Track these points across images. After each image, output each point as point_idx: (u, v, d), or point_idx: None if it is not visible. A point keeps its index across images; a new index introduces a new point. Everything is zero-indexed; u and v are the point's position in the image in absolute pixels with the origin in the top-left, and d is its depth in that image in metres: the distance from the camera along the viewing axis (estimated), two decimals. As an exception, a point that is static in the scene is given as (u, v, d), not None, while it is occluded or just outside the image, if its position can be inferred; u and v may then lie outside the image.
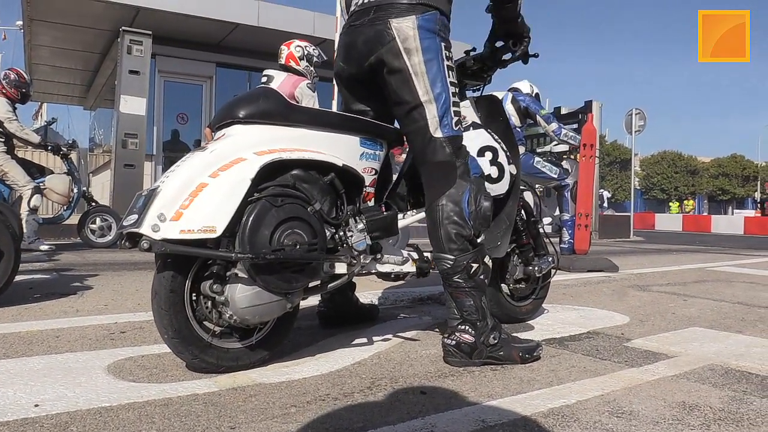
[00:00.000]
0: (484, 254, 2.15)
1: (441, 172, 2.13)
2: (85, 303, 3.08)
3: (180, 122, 12.34)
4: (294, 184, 1.92)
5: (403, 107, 2.13)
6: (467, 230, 2.08)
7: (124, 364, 1.97)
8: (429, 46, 2.06)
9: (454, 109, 2.14)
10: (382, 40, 2.06)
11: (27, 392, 1.65)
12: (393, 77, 2.09)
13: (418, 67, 2.05)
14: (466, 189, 2.11)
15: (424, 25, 2.05)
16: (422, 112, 2.09)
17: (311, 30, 10.94)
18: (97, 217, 6.90)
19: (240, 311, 1.79)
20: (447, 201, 2.09)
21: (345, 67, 2.27)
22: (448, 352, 2.06)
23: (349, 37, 2.20)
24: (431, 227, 2.13)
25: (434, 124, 2.09)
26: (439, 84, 2.08)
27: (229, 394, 1.68)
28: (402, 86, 2.08)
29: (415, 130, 2.14)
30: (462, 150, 2.18)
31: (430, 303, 3.39)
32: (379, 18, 2.07)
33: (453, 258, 2.06)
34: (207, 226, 1.72)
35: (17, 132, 6.22)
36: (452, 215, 2.08)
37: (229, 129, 1.97)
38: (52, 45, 12.42)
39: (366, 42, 2.11)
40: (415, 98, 2.08)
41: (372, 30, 2.09)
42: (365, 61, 2.14)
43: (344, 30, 2.25)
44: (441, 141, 2.11)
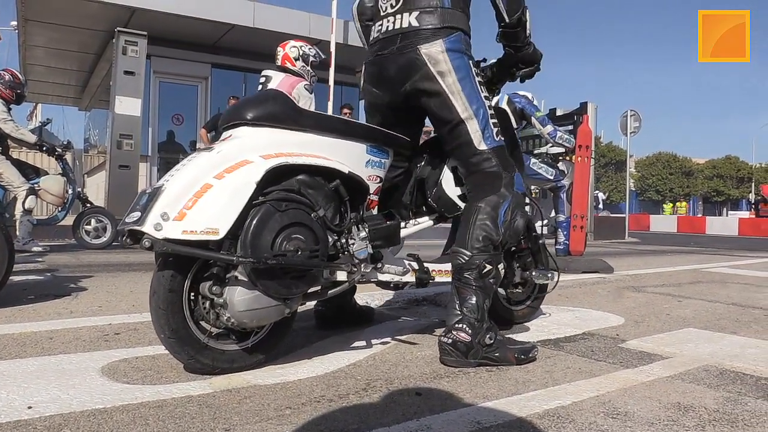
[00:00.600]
0: (500, 261, 2.21)
1: (487, 181, 2.22)
2: (80, 304, 3.07)
3: (175, 123, 12.32)
4: (299, 189, 1.91)
5: (446, 126, 2.23)
6: (496, 236, 2.15)
7: (118, 365, 1.96)
8: (460, 66, 2.16)
9: (493, 120, 2.23)
10: (415, 68, 2.15)
11: (20, 394, 1.64)
12: (431, 101, 2.19)
13: (454, 87, 2.14)
14: (507, 199, 2.20)
15: (451, 47, 2.14)
16: (464, 128, 2.19)
17: (307, 31, 10.94)
18: (92, 218, 6.87)
19: (238, 314, 1.78)
20: (485, 205, 2.18)
21: (380, 94, 2.33)
22: (445, 351, 2.06)
23: (379, 67, 2.27)
24: (463, 224, 2.20)
25: (477, 137, 2.20)
26: (476, 99, 2.18)
27: (223, 396, 1.68)
28: (441, 107, 2.18)
29: (460, 145, 2.24)
30: (508, 161, 2.28)
31: (426, 304, 3.39)
32: (408, 46, 2.15)
33: (470, 254, 2.11)
34: (210, 227, 1.71)
35: (12, 132, 6.20)
36: (486, 218, 2.15)
37: (237, 130, 1.97)
38: (46, 45, 12.39)
39: (399, 70, 2.19)
40: (456, 116, 2.17)
41: (403, 58, 2.17)
42: (400, 88, 2.21)
43: (370, 59, 2.31)
44: (487, 153, 2.21)
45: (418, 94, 2.21)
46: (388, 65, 2.22)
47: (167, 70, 11.63)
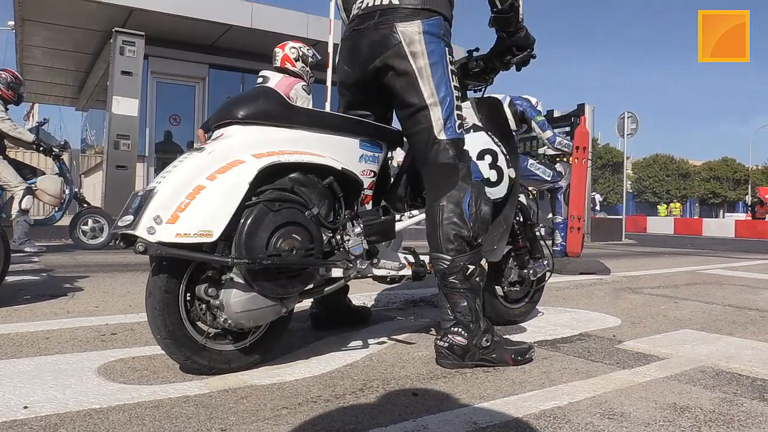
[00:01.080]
0: (480, 257, 2.16)
1: (443, 173, 2.14)
2: (76, 304, 3.06)
3: (173, 123, 12.31)
4: (292, 187, 1.90)
5: (408, 110, 2.16)
6: (466, 232, 2.09)
7: (114, 365, 1.95)
8: (434, 50, 2.10)
9: (458, 112, 2.17)
10: (388, 44, 2.09)
11: (16, 394, 1.64)
12: (399, 80, 2.12)
13: (424, 71, 2.08)
14: (467, 191, 2.13)
15: (429, 29, 2.09)
16: (427, 115, 2.12)
17: (305, 32, 10.94)
18: (89, 219, 6.86)
19: (234, 315, 1.77)
20: (447, 202, 2.11)
21: (349, 71, 2.27)
22: (441, 354, 2.05)
23: (354, 41, 2.21)
24: (430, 227, 2.13)
25: (438, 126, 2.12)
26: (444, 87, 2.12)
27: (220, 396, 1.68)
28: (408, 89, 2.11)
29: (418, 132, 2.16)
30: (464, 153, 2.20)
31: (422, 305, 3.39)
32: (385, 22, 2.10)
33: (450, 258, 2.06)
34: (203, 230, 1.71)
35: (10, 131, 6.18)
36: (452, 216, 2.09)
37: (228, 129, 1.95)
38: (44, 45, 12.38)
39: (372, 45, 2.13)
40: (421, 100, 2.11)
41: (377, 34, 2.11)
42: (370, 64, 2.15)
43: (347, 34, 2.26)
44: (444, 143, 2.13)
45: (386, 71, 2.14)
46: (362, 40, 2.17)
47: (165, 71, 11.63)
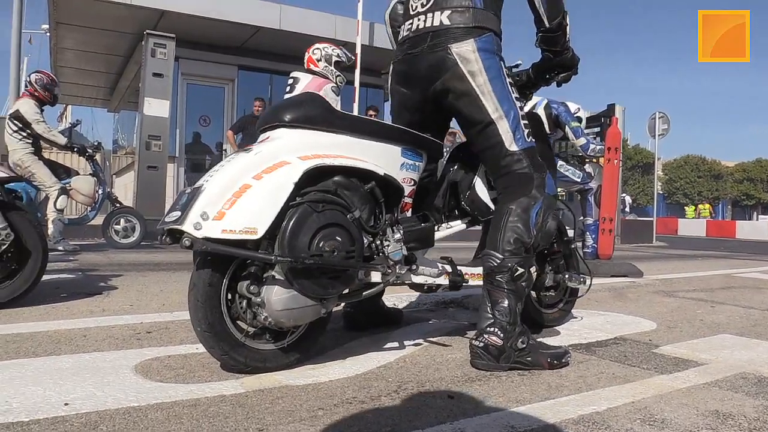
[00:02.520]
0: (531, 263, 2.19)
1: (518, 182, 2.19)
2: (111, 303, 3.11)
3: (202, 125, 12.44)
4: (335, 190, 1.92)
5: (475, 127, 2.21)
6: (527, 239, 2.12)
7: (151, 364, 1.97)
8: (491, 66, 2.13)
9: (524, 122, 2.21)
10: (445, 66, 2.13)
11: (56, 391, 1.66)
12: (461, 100, 2.16)
13: (485, 87, 2.12)
14: (538, 201, 2.17)
15: (483, 46, 2.12)
16: (495, 129, 2.16)
17: (332, 33, 10.98)
18: (121, 218, 6.97)
19: (275, 314, 1.79)
20: (516, 206, 2.15)
21: (409, 94, 2.31)
22: (476, 354, 2.04)
23: (408, 65, 2.25)
24: (493, 227, 2.17)
25: (508, 138, 2.17)
26: (507, 100, 2.16)
27: (256, 396, 1.68)
28: (471, 107, 2.16)
29: (490, 146, 2.21)
30: (539, 162, 2.24)
31: (453, 307, 3.37)
32: (438, 44, 2.14)
33: (501, 257, 2.09)
34: (248, 227, 1.73)
35: (44, 133, 6.31)
36: (517, 221, 2.13)
37: (274, 132, 1.99)
38: (76, 48, 12.60)
39: (429, 69, 2.17)
40: (486, 117, 2.15)
41: (433, 57, 2.15)
42: (430, 86, 2.20)
43: (399, 57, 2.30)
44: (518, 154, 2.18)
45: (447, 94, 2.19)
46: (419, 63, 2.21)
47: (195, 72, 11.75)
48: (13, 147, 6.28)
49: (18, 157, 6.20)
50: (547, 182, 2.27)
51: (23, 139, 6.28)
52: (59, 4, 10.17)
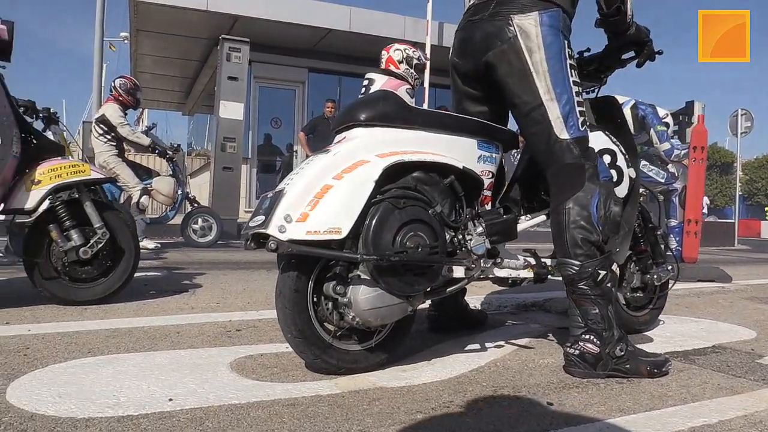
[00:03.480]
0: (611, 261, 2.07)
1: (568, 175, 2.04)
2: (198, 301, 3.19)
3: (273, 126, 12.71)
4: (415, 186, 1.90)
5: (522, 108, 2.06)
6: (595, 236, 1.99)
7: (245, 362, 2.00)
8: (552, 43, 1.99)
9: (579, 108, 2.05)
10: (502, 36, 2.01)
11: (159, 386, 1.70)
12: (512, 76, 2.03)
13: (540, 65, 1.98)
14: (595, 193, 2.02)
15: (547, 21, 1.99)
16: (544, 113, 2.01)
17: (402, 34, 11.00)
18: (198, 218, 7.17)
19: (362, 313, 1.78)
20: (574, 205, 2.01)
21: (461, 63, 2.21)
22: (571, 362, 1.97)
23: (467, 32, 2.15)
24: (556, 231, 2.05)
25: (558, 125, 2.02)
26: (562, 82, 2.01)
27: (351, 397, 1.68)
28: (521, 85, 2.02)
29: (537, 132, 2.06)
30: (590, 152, 2.09)
31: (534, 310, 3.29)
32: (500, 13, 2.02)
33: (579, 264, 1.97)
34: (332, 227, 1.72)
35: (129, 136, 6.56)
36: (579, 220, 1.99)
37: (350, 132, 1.98)
38: (154, 54, 13.12)
39: (485, 38, 2.06)
40: (536, 98, 2.00)
41: (492, 26, 2.03)
42: (482, 57, 2.08)
43: (461, 24, 2.20)
44: (568, 143, 2.02)
45: (499, 66, 2.05)
46: (475, 31, 2.09)
47: (266, 75, 12.01)
48: (99, 149, 6.57)
49: (103, 159, 6.47)
50: (599, 168, 2.14)
51: (108, 142, 6.55)
52: (139, 12, 10.59)
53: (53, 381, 1.73)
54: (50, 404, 1.53)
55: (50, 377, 1.77)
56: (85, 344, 2.18)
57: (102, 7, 12.81)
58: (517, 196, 2.43)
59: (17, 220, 3.92)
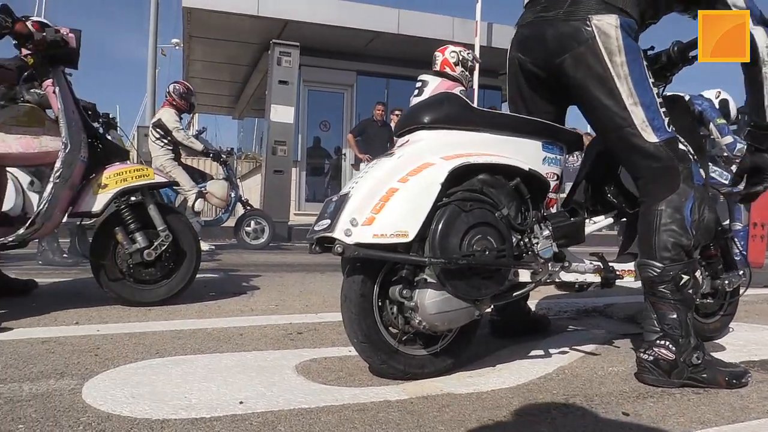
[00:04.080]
0: (695, 267, 1.98)
1: (662, 177, 1.97)
2: (257, 303, 3.21)
3: (322, 129, 12.81)
4: (481, 188, 1.87)
5: (603, 112, 1.98)
6: (686, 240, 1.93)
7: (310, 365, 2.00)
8: (631, 46, 1.92)
9: (662, 110, 1.98)
10: (580, 38, 1.93)
11: (228, 389, 1.72)
12: (591, 79, 1.95)
13: (621, 69, 1.91)
14: (690, 196, 1.95)
15: (625, 24, 1.92)
16: (627, 117, 1.93)
17: (450, 35, 10.94)
18: (251, 221, 7.27)
19: (429, 317, 1.76)
20: (667, 207, 1.94)
21: (525, 60, 2.14)
22: (644, 368, 1.90)
23: (536, 29, 2.07)
24: (645, 232, 1.99)
25: (645, 128, 1.94)
26: (643, 85, 1.93)
27: (420, 403, 1.65)
28: (602, 89, 1.94)
29: (622, 137, 1.97)
30: (683, 153, 2.03)
31: (595, 315, 3.21)
32: (577, 12, 1.94)
33: (662, 266, 1.91)
34: (399, 230, 1.71)
35: (183, 140, 6.70)
36: (671, 223, 1.93)
37: (414, 134, 1.96)
38: (204, 59, 13.40)
39: (559, 38, 1.98)
40: (618, 102, 1.93)
41: (567, 25, 1.95)
42: (556, 58, 2.00)
43: (528, 19, 2.11)
44: (657, 145, 1.94)
45: (575, 69, 1.96)
46: (547, 29, 2.00)
47: (315, 79, 12.11)
48: (155, 153, 6.73)
49: (160, 163, 6.62)
50: (692, 170, 2.06)
51: (164, 146, 6.71)
52: (192, 18, 10.82)
53: (126, 381, 1.76)
54: (125, 405, 1.56)
55: (122, 378, 1.80)
56: (153, 345, 2.22)
57: (155, 15, 13.17)
58: (581, 199, 2.37)
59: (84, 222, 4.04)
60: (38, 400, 1.58)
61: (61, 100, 2.77)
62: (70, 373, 1.84)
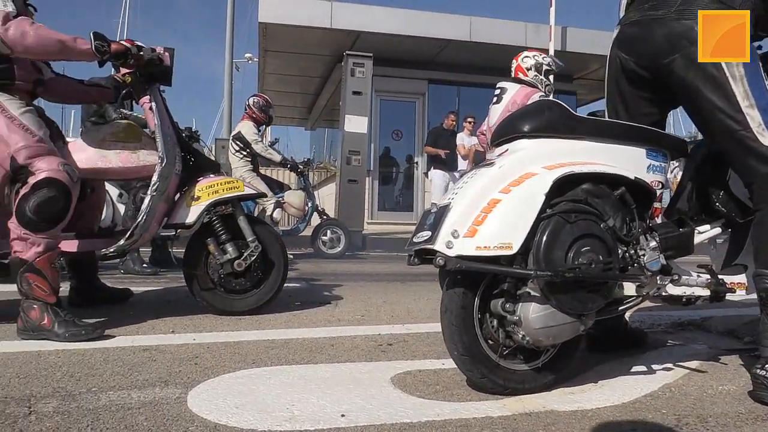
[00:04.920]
0: None
1: None
2: (343, 313, 3.23)
3: (394, 138, 12.87)
4: (586, 199, 1.81)
5: (716, 115, 1.90)
6: None
7: (405, 378, 1.98)
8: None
9: None
10: (692, 37, 1.87)
11: (328, 400, 1.72)
12: (703, 80, 1.88)
13: (736, 69, 1.83)
14: None
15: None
16: (743, 121, 1.85)
17: (523, 41, 10.78)
18: (327, 230, 7.36)
19: (533, 332, 1.71)
20: None
21: (629, 60, 2.08)
22: (760, 385, 1.79)
23: (643, 28, 2.01)
24: (762, 241, 1.90)
25: (762, 132, 1.85)
26: (759, 86, 1.86)
27: (524, 420, 1.61)
28: (716, 92, 1.87)
29: (737, 142, 1.89)
30: None
31: (692, 329, 3.05)
32: (689, 11, 1.88)
33: None
34: (503, 242, 1.67)
35: (262, 152, 6.87)
36: None
37: (513, 144, 1.92)
38: (277, 72, 13.74)
39: (669, 38, 1.92)
40: (733, 104, 1.85)
41: (679, 24, 1.89)
42: (664, 58, 1.94)
43: (634, 17, 2.06)
44: None
45: (685, 71, 1.90)
46: (656, 28, 1.94)
47: (387, 88, 12.18)
48: (235, 165, 6.93)
49: (240, 174, 6.80)
50: None
51: (244, 158, 6.90)
52: (268, 33, 11.12)
53: (228, 391, 1.79)
54: (230, 415, 1.59)
55: (224, 387, 1.84)
56: (248, 354, 2.25)
57: (231, 31, 13.61)
58: (684, 207, 2.26)
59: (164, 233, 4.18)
60: (147, 408, 1.63)
61: (157, 116, 2.88)
62: (174, 381, 1.89)
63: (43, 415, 1.56)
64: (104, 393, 1.75)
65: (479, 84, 11.69)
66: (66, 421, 1.52)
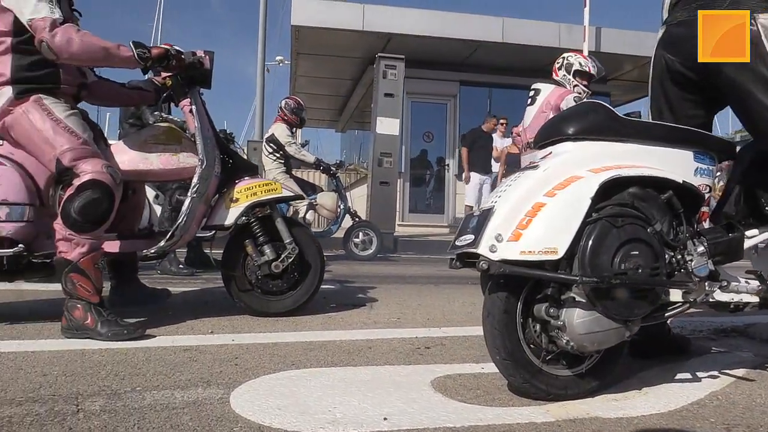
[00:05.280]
0: None
1: None
2: (378, 315, 3.23)
3: (426, 140, 12.84)
4: (632, 203, 1.78)
5: (765, 115, 1.87)
6: None
7: (445, 381, 1.97)
8: None
9: None
10: None
11: (369, 403, 1.72)
12: (754, 82, 1.85)
13: None
14: None
15: None
16: None
17: (556, 42, 10.69)
18: (359, 232, 7.37)
19: (578, 337, 1.69)
20: None
21: (675, 61, 2.06)
22: None
23: (690, 28, 1.98)
24: None
25: None
26: None
27: (569, 427, 1.59)
28: (767, 93, 1.83)
29: None
30: None
31: (735, 336, 2.98)
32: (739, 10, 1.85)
33: None
34: (548, 247, 1.65)
35: (295, 154, 6.92)
36: None
37: (557, 146, 1.90)
38: (308, 75, 13.83)
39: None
40: None
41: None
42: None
43: (680, 18, 2.04)
44: None
45: (735, 72, 1.87)
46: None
47: (418, 90, 12.15)
48: (269, 167, 6.99)
49: (273, 176, 6.86)
50: None
51: (277, 160, 6.96)
52: (300, 36, 11.20)
53: (269, 392, 1.80)
54: (274, 416, 1.59)
55: (265, 388, 1.85)
56: (287, 356, 2.27)
57: (263, 35, 13.73)
58: (731, 211, 2.21)
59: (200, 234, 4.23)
60: (191, 408, 1.65)
61: (197, 118, 2.92)
62: (216, 382, 1.91)
63: (91, 413, 1.59)
64: (148, 392, 1.78)
65: (511, 85, 11.62)
66: (113, 419, 1.55)
